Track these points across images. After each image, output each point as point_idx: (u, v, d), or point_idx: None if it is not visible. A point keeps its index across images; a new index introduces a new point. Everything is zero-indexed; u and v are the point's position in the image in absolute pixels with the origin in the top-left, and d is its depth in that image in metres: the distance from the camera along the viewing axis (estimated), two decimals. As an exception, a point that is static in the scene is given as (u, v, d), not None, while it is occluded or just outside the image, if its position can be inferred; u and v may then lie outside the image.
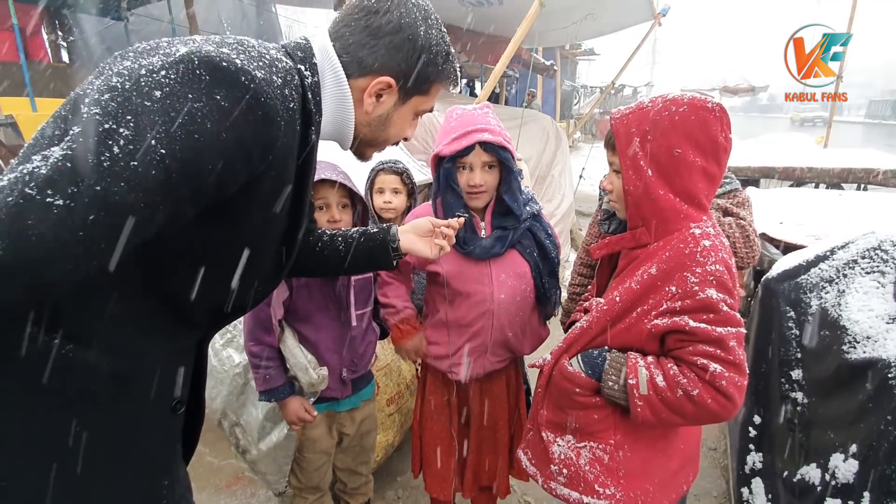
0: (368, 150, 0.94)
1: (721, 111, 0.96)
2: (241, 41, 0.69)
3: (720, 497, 2.12)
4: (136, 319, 0.72)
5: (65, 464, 0.69)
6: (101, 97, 0.57)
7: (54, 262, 0.54)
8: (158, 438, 0.81)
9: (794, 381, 1.64)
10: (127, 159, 0.54)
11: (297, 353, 1.40)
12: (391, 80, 0.82)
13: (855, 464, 1.22)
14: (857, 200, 3.64)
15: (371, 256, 1.16)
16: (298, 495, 1.64)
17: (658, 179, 0.97)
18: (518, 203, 1.36)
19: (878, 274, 1.50)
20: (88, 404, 0.70)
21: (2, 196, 0.50)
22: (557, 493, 1.04)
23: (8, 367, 0.64)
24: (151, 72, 0.59)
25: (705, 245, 0.94)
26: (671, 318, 0.92)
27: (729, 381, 0.88)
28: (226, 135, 0.61)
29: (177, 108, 0.57)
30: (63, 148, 0.54)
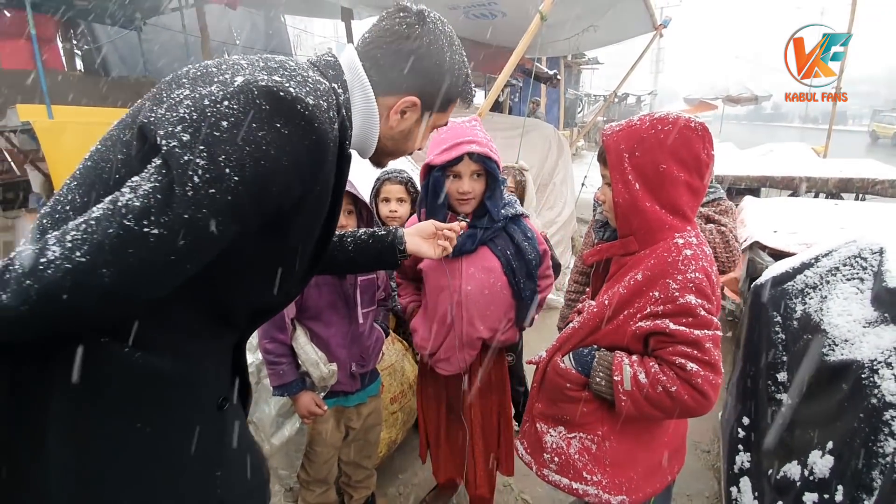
0: (386, 159, 1.02)
1: (703, 130, 1.05)
2: (283, 64, 0.76)
3: (712, 497, 2.19)
4: (188, 324, 0.80)
5: (131, 463, 0.76)
6: (175, 129, 0.64)
7: (150, 283, 0.64)
8: (209, 435, 0.87)
9: (779, 383, 1.71)
10: (206, 188, 0.62)
11: (309, 349, 1.50)
12: (416, 100, 0.89)
13: (831, 459, 1.30)
14: (852, 210, 3.70)
15: (378, 256, 1.26)
16: (306, 488, 1.73)
17: (645, 192, 1.05)
18: (497, 208, 1.48)
19: (858, 280, 1.57)
20: (152, 406, 0.77)
21: (103, 228, 0.60)
22: (549, 479, 1.13)
23: (85, 375, 0.71)
24: (215, 102, 0.65)
25: (687, 254, 1.02)
26: (654, 320, 1.01)
27: (704, 380, 0.96)
28: (286, 160, 0.68)
29: (243, 137, 0.64)
30: (151, 181, 0.63)
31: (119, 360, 0.72)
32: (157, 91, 0.73)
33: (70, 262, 0.58)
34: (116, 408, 0.74)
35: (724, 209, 1.74)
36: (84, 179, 0.73)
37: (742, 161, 6.44)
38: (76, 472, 0.72)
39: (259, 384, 1.81)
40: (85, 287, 0.59)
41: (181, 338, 0.80)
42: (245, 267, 0.81)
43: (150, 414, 0.77)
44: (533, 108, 11.78)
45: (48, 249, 0.59)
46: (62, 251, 0.59)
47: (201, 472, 0.87)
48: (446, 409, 1.73)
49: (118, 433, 0.75)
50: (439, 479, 1.80)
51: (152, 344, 0.75)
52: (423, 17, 0.88)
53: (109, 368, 0.72)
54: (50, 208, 0.74)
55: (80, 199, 0.71)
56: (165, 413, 0.79)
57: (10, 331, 0.61)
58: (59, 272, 0.58)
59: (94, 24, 7.23)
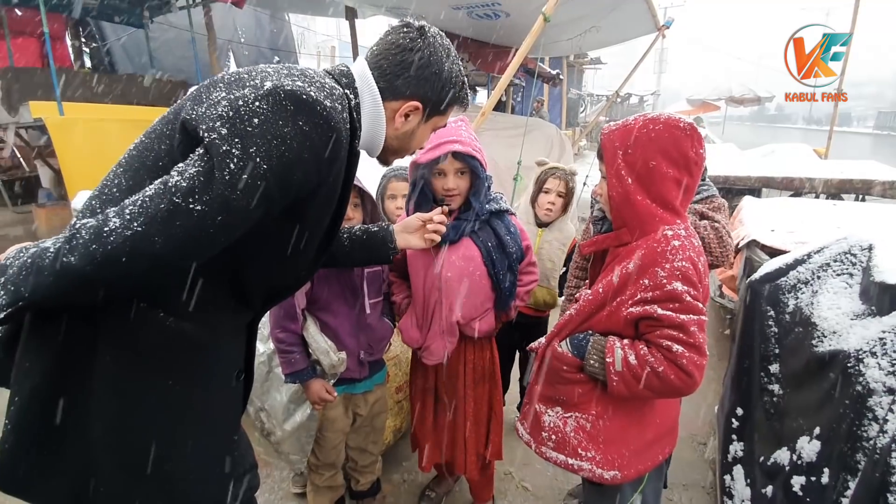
0: (391, 157, 1.12)
1: (692, 130, 1.11)
2: (304, 72, 0.86)
3: (707, 487, 2.25)
4: (212, 297, 0.89)
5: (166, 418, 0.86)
6: (215, 124, 0.74)
7: (191, 251, 0.75)
8: (228, 401, 0.99)
9: (771, 375, 1.77)
10: (240, 174, 0.73)
11: (319, 338, 1.56)
12: (419, 104, 1.00)
13: (818, 444, 1.36)
14: (850, 210, 3.75)
15: (372, 252, 1.38)
16: (315, 471, 1.80)
17: (637, 187, 1.12)
18: (480, 203, 1.56)
19: (847, 276, 1.63)
20: (182, 366, 0.87)
21: (156, 204, 0.70)
22: (546, 456, 1.20)
23: (126, 336, 0.82)
24: (247, 102, 0.76)
25: (675, 245, 1.09)
26: (643, 306, 1.08)
27: (689, 360, 1.03)
28: (306, 153, 0.79)
29: (272, 132, 0.75)
30: (195, 166, 0.73)
31: (155, 323, 0.83)
32: (197, 93, 0.83)
33: (129, 230, 0.69)
34: (152, 365, 0.84)
35: (717, 206, 1.80)
36: (129, 166, 0.84)
37: (743, 162, 6.48)
38: (118, 422, 0.82)
39: (271, 373, 1.87)
40: (139, 252, 0.70)
41: (207, 309, 0.89)
42: (264, 247, 0.91)
43: (180, 374, 0.87)
44: (537, 107, 11.85)
45: (109, 220, 0.70)
46: (122, 222, 0.69)
47: (223, 432, 0.97)
48: (433, 399, 1.80)
49: (154, 388, 0.85)
50: (423, 468, 1.86)
51: (183, 313, 0.85)
52: (423, 32, 0.99)
53: (146, 331, 0.83)
54: (98, 191, 0.84)
55: (127, 183, 0.82)
56: (193, 374, 0.89)
57: (76, 290, 0.71)
58: (120, 239, 0.69)
59: (102, 22, 7.31)
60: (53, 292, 0.70)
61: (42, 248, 0.72)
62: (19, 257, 0.73)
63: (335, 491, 1.84)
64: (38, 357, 0.80)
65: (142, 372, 0.84)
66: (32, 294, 0.70)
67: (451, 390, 1.74)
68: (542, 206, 2.19)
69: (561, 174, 2.18)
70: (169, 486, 0.88)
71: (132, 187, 0.80)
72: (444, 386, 1.75)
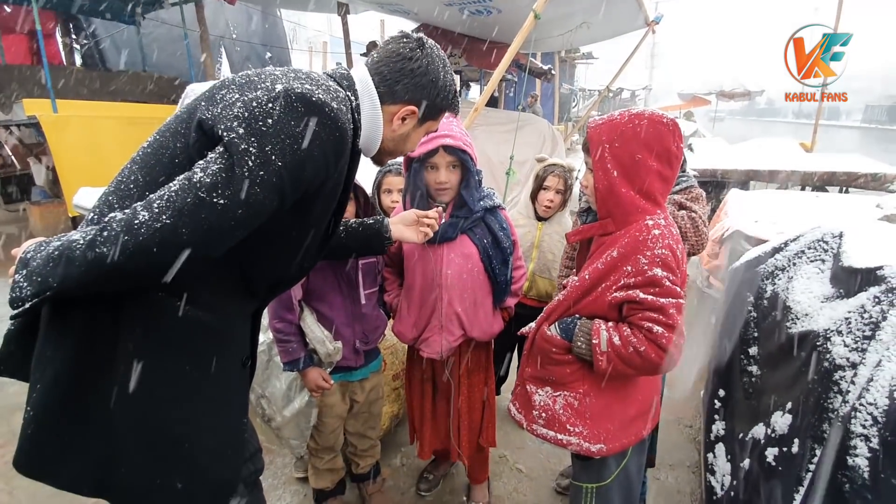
0: (386, 157, 1.20)
1: (673, 126, 1.19)
2: (309, 75, 0.93)
3: (692, 467, 2.35)
4: (223, 287, 0.97)
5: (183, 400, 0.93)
6: (232, 124, 0.81)
7: (214, 242, 0.81)
8: (238, 385, 1.06)
9: (751, 357, 1.87)
10: (258, 170, 0.79)
11: (315, 328, 1.63)
12: (415, 109, 1.08)
13: (789, 417, 1.45)
14: (832, 202, 3.87)
15: (367, 242, 1.46)
16: (315, 455, 1.87)
17: (622, 179, 1.20)
18: (473, 198, 1.63)
19: (820, 262, 1.73)
20: (199, 354, 0.94)
21: (182, 198, 0.76)
22: (538, 433, 1.28)
23: (146, 324, 0.88)
24: (261, 104, 0.83)
25: (655, 234, 1.17)
26: (626, 291, 1.16)
27: (668, 340, 1.11)
28: (317, 151, 0.86)
29: (285, 131, 0.82)
30: (217, 163, 0.80)
31: (174, 312, 0.89)
32: (210, 94, 0.90)
33: (158, 222, 0.75)
34: (171, 352, 0.91)
35: (695, 196, 1.88)
36: (145, 163, 0.90)
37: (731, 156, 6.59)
38: (137, 404, 0.88)
39: (270, 361, 1.95)
40: (169, 243, 0.76)
41: (219, 298, 0.96)
42: (273, 239, 0.98)
43: (196, 359, 0.93)
44: (531, 101, 11.91)
45: (138, 214, 0.76)
46: (151, 215, 0.75)
47: (236, 413, 1.04)
48: (431, 390, 1.88)
49: (171, 372, 0.91)
50: (423, 456, 1.94)
51: (198, 302, 0.91)
52: (422, 43, 1.08)
53: (164, 319, 0.89)
54: (114, 186, 0.90)
55: (143, 179, 0.88)
56: (209, 359, 0.95)
57: (106, 280, 0.77)
58: (150, 231, 0.75)
59: (94, 18, 7.27)
60: (83, 281, 0.76)
61: (70, 239, 0.77)
62: (40, 250, 0.78)
63: (335, 473, 1.92)
64: (60, 345, 0.85)
65: (161, 358, 0.90)
66: (62, 284, 0.75)
67: (447, 380, 1.82)
68: (541, 203, 2.26)
69: (560, 171, 2.25)
70: (188, 463, 0.94)
71: (149, 183, 0.86)
72: (440, 376, 1.83)
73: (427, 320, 1.71)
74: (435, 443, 1.89)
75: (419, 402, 1.90)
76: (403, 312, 1.76)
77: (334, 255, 1.52)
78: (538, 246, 2.31)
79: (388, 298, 1.82)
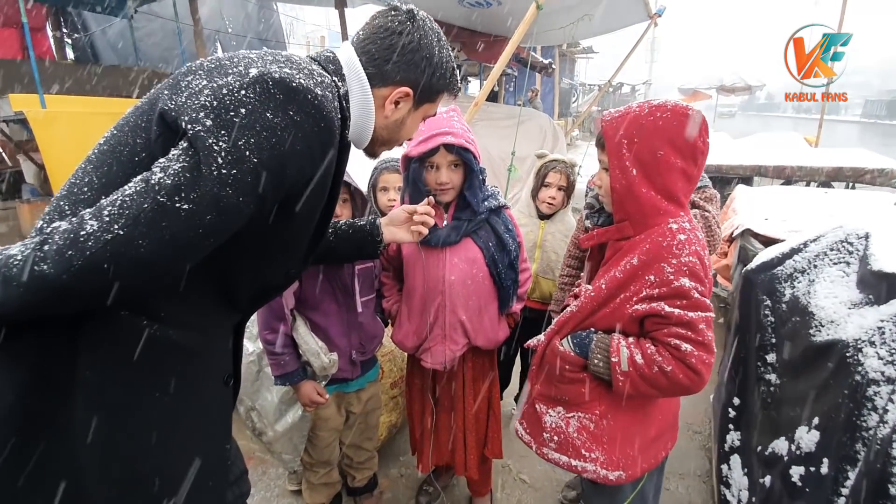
0: (380, 148, 1.07)
1: (700, 118, 1.07)
2: (289, 58, 0.81)
3: (703, 476, 2.26)
4: (198, 301, 0.85)
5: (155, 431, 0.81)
6: (198, 115, 0.69)
7: (181, 254, 0.69)
8: (219, 407, 0.95)
9: (768, 364, 1.77)
10: (229, 168, 0.68)
11: (309, 339, 1.52)
12: (409, 90, 0.95)
13: (816, 434, 1.36)
14: (841, 198, 3.77)
15: (358, 247, 1.34)
16: (310, 469, 1.78)
17: (641, 178, 1.09)
18: (477, 199, 1.51)
19: (844, 264, 1.63)
20: (169, 376, 0.82)
21: (138, 203, 0.65)
22: (549, 458, 1.18)
23: (108, 346, 0.76)
24: (233, 91, 0.71)
25: (681, 239, 1.06)
26: (649, 303, 1.05)
27: (697, 359, 1.01)
28: (299, 145, 0.74)
29: (260, 122, 0.70)
30: (179, 161, 0.68)
31: (139, 332, 0.77)
32: (174, 81, 0.78)
33: (109, 233, 0.63)
34: (137, 377, 0.79)
35: (709, 196, 1.80)
36: (101, 162, 0.78)
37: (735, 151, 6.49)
38: (102, 438, 0.76)
39: (261, 372, 1.84)
40: (123, 257, 0.64)
41: (193, 313, 0.85)
42: (252, 245, 0.86)
43: (167, 384, 0.82)
44: (532, 96, 11.79)
45: (86, 223, 0.64)
46: (100, 224, 0.64)
47: (216, 441, 0.93)
48: (432, 400, 1.78)
49: (140, 400, 0.79)
50: (423, 470, 1.83)
51: (168, 318, 0.80)
52: (412, 15, 0.95)
53: (130, 340, 0.77)
54: (66, 190, 0.78)
55: (98, 181, 0.76)
56: (182, 384, 0.84)
57: (51, 302, 0.65)
58: (100, 243, 0.63)
59: (85, 12, 7.12)
60: (24, 305, 0.64)
61: (8, 255, 0.65)
62: None
63: (331, 488, 1.83)
64: (11, 375, 0.73)
65: (126, 385, 0.79)
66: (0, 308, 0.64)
67: (450, 390, 1.72)
68: (543, 200, 2.17)
69: (562, 167, 2.15)
70: (164, 500, 0.84)
71: (105, 185, 0.74)
72: (443, 386, 1.73)
73: (429, 329, 1.61)
74: (437, 457, 1.80)
75: (420, 413, 1.81)
76: (403, 320, 1.66)
77: (325, 261, 1.41)
78: (541, 246, 2.22)
79: (386, 305, 1.72)
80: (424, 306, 1.60)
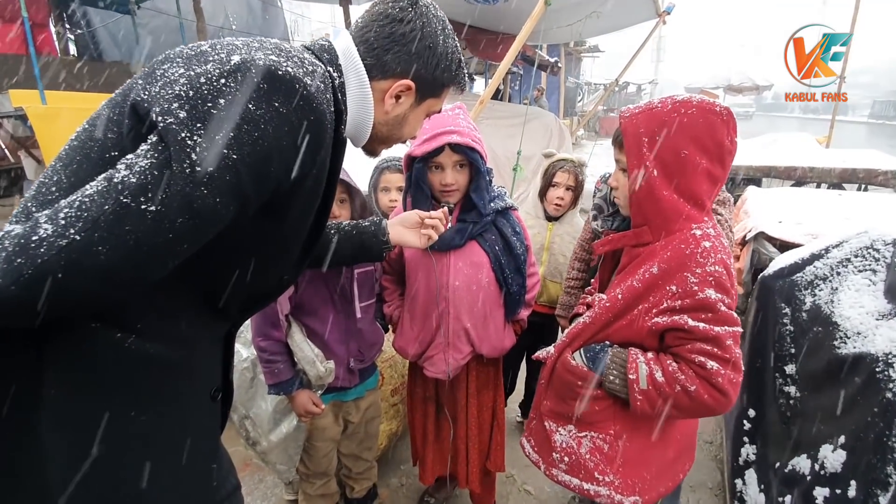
0: (379, 147, 0.99)
1: (728, 115, 0.99)
2: (278, 45, 0.73)
3: (715, 489, 2.17)
4: (180, 310, 0.77)
5: (131, 455, 0.74)
6: (171, 106, 0.61)
7: (149, 263, 0.61)
8: (204, 426, 0.87)
9: (787, 376, 1.69)
10: (204, 165, 0.60)
11: (305, 347, 1.44)
12: (411, 84, 0.88)
13: (843, 454, 1.27)
14: (856, 201, 3.67)
15: (362, 248, 1.26)
16: (306, 481, 1.70)
17: (663, 180, 1.00)
18: (484, 201, 1.44)
19: (870, 272, 1.54)
20: (147, 394, 0.75)
21: (98, 205, 0.57)
22: (559, 480, 1.10)
23: (76, 363, 0.69)
24: (211, 80, 0.63)
25: (705, 246, 0.98)
26: (671, 316, 0.97)
27: (725, 378, 0.92)
28: (285, 140, 0.67)
29: (242, 115, 0.63)
30: (147, 157, 0.60)
31: (112, 346, 0.70)
32: (150, 70, 0.70)
33: (64, 239, 0.56)
34: (110, 395, 0.72)
35: (722, 200, 1.73)
36: (70, 160, 0.70)
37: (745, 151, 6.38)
38: (72, 462, 0.69)
39: (255, 379, 1.76)
40: (80, 266, 0.56)
41: (174, 324, 0.77)
42: (239, 250, 0.79)
43: (145, 402, 0.75)
44: (538, 94, 11.70)
45: (40, 227, 0.56)
46: (55, 228, 0.56)
47: (201, 461, 0.86)
48: (434, 410, 1.71)
49: (114, 422, 0.72)
50: (425, 481, 1.77)
51: (146, 330, 0.73)
52: (415, 1, 0.87)
53: (102, 355, 0.70)
54: (35, 191, 0.70)
55: (67, 180, 0.68)
56: (161, 401, 0.77)
57: (9, 314, 0.58)
58: (53, 250, 0.55)
59: (88, 7, 7.09)
60: None
61: None
62: None
63: (329, 499, 1.75)
64: None
65: (99, 405, 0.71)
66: None
67: (453, 399, 1.65)
68: (551, 201, 2.09)
69: (570, 167, 2.07)
70: None
71: (74, 185, 0.66)
72: (446, 395, 1.65)
73: (431, 336, 1.53)
74: (438, 468, 1.72)
75: (421, 422, 1.73)
76: (405, 326, 1.59)
77: (325, 265, 1.33)
78: (548, 248, 2.15)
79: (387, 310, 1.64)
80: (427, 312, 1.52)
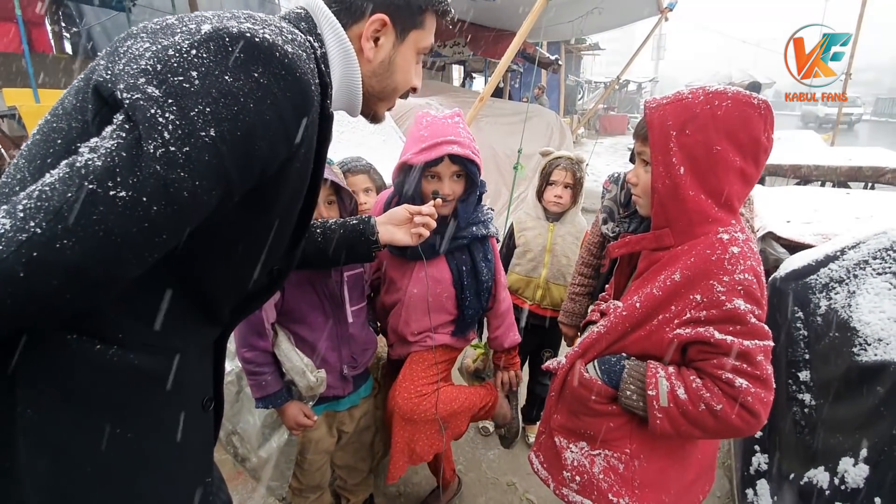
0: (380, 105, 0.90)
1: (766, 109, 0.91)
2: (252, 15, 0.67)
3: (724, 497, 2.11)
4: (166, 316, 0.70)
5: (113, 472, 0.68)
6: (137, 82, 0.54)
7: (124, 257, 0.54)
8: (196, 437, 0.80)
9: (801, 383, 1.62)
10: (179, 145, 0.53)
11: (293, 356, 1.36)
12: (385, 18, 0.79)
13: (865, 468, 1.20)
14: (864, 199, 3.60)
15: (350, 248, 1.19)
16: (299, 495, 1.63)
17: (690, 178, 0.92)
18: (467, 213, 1.43)
19: (891, 275, 1.47)
20: (133, 408, 0.68)
21: (60, 193, 0.50)
22: (569, 500, 1.02)
23: (52, 379, 0.62)
24: (181, 52, 0.56)
25: (734, 252, 0.90)
26: (695, 328, 0.89)
27: (755, 398, 0.85)
28: (268, 114, 0.60)
29: (217, 87, 0.56)
30: (114, 138, 0.53)
31: (91, 358, 0.63)
32: (112, 49, 0.63)
33: (24, 233, 0.49)
34: (92, 412, 0.65)
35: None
36: (33, 155, 0.63)
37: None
38: (53, 485, 0.63)
39: (241, 393, 1.69)
40: (44, 263, 0.49)
41: (159, 333, 0.70)
42: (226, 244, 0.72)
43: (131, 417, 0.68)
44: (538, 93, 11.62)
45: None
46: (13, 222, 0.49)
47: (193, 475, 0.79)
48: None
49: (96, 440, 0.65)
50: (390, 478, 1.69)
51: (128, 340, 0.66)
52: None
53: (80, 369, 0.63)
54: None
55: (31, 176, 0.61)
56: (149, 415, 0.70)
57: None
58: (12, 246, 0.49)
59: (83, 5, 7.02)
60: None
61: None
62: None
63: (323, 511, 1.69)
64: None
65: (77, 422, 0.64)
66: None
67: None
68: (548, 200, 2.02)
69: (566, 164, 2.00)
70: None
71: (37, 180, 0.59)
72: None
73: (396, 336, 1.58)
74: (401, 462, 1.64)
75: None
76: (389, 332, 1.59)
77: (311, 265, 1.25)
78: (550, 250, 2.07)
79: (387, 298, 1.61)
80: (393, 313, 1.56)
